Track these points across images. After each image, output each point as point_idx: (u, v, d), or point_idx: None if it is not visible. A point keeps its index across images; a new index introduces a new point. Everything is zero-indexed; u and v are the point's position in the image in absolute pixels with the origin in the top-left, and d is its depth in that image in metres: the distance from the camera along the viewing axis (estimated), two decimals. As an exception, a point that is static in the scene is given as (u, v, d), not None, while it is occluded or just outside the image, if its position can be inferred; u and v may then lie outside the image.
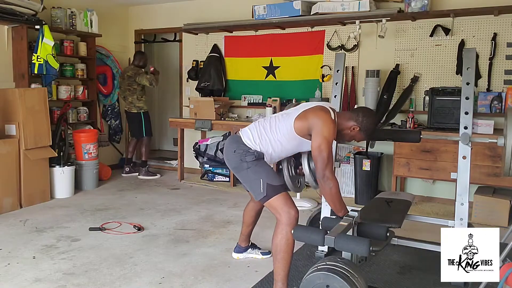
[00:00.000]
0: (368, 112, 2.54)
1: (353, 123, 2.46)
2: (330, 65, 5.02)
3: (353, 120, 2.46)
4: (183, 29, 5.73)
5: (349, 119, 2.47)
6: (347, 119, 2.47)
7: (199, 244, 3.39)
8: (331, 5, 4.69)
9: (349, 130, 2.48)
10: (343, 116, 2.50)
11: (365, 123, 2.45)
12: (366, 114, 2.48)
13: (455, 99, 4.00)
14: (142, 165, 5.78)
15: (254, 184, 2.44)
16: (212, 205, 4.50)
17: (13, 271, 2.85)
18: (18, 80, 4.85)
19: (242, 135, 2.52)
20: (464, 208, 2.66)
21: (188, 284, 2.71)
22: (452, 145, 4.00)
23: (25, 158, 4.29)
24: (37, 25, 4.65)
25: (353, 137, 2.54)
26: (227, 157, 2.56)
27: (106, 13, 5.92)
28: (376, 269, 2.92)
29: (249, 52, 5.57)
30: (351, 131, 2.48)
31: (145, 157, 5.79)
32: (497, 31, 4.27)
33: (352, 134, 2.50)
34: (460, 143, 2.63)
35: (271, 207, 2.42)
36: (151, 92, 7.61)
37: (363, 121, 2.45)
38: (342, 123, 2.46)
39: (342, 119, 2.48)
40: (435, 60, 4.57)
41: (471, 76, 2.66)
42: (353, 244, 1.99)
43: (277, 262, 2.37)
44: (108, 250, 3.24)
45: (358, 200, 4.58)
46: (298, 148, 2.56)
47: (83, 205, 4.42)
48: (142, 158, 5.80)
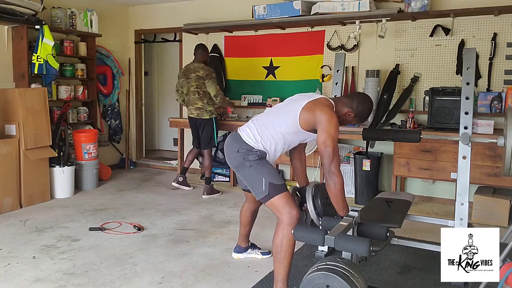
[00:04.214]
0: (363, 98, 2.56)
1: (348, 109, 2.49)
2: (330, 65, 5.02)
3: (348, 106, 2.49)
4: (183, 29, 5.73)
5: (345, 105, 2.50)
6: (343, 105, 2.50)
7: (199, 244, 3.39)
8: (331, 5, 4.69)
9: (344, 116, 2.51)
10: (339, 102, 2.52)
11: (360, 110, 2.50)
12: (361, 100, 2.52)
13: (455, 99, 4.00)
14: (207, 182, 4.91)
15: (256, 183, 2.43)
16: (212, 205, 4.50)
17: (13, 271, 2.85)
18: (18, 80, 4.85)
19: (242, 134, 2.51)
20: (464, 208, 2.66)
21: (188, 284, 2.71)
22: (452, 145, 4.00)
23: (25, 158, 4.29)
24: (37, 25, 4.65)
25: (348, 122, 2.58)
26: (229, 156, 2.55)
27: (106, 13, 5.92)
28: (376, 269, 2.92)
29: (249, 52, 5.57)
30: (346, 116, 2.52)
31: (210, 173, 4.95)
32: (497, 31, 4.27)
33: (347, 119, 2.54)
34: (460, 143, 2.64)
35: (273, 207, 2.41)
36: (151, 92, 7.63)
37: (358, 108, 2.49)
38: (338, 110, 2.48)
39: (339, 105, 2.50)
40: (435, 60, 4.57)
41: (471, 76, 2.66)
42: (353, 244, 1.99)
43: (278, 262, 2.37)
44: (108, 250, 3.24)
45: (358, 200, 4.58)
46: (301, 140, 2.58)
47: (83, 205, 4.42)
48: (206, 175, 4.92)
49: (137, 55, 6.56)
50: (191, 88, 4.77)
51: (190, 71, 4.79)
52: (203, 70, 4.76)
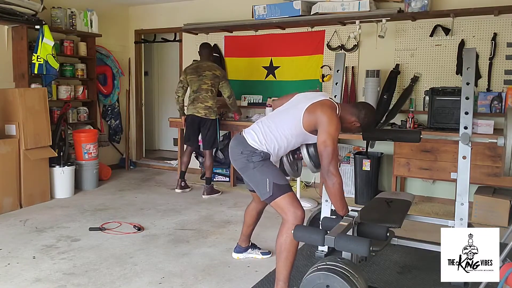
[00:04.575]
0: (371, 110, 2.60)
1: (355, 119, 2.52)
2: (330, 65, 5.02)
3: (355, 116, 2.51)
4: (183, 29, 5.73)
5: (352, 114, 2.51)
6: (349, 114, 2.52)
7: (199, 244, 3.39)
8: (331, 5, 4.69)
9: (349, 124, 2.53)
10: (346, 110, 2.52)
11: (366, 121, 2.53)
12: (369, 112, 2.55)
13: (455, 99, 4.00)
14: (208, 182, 4.88)
15: (260, 183, 2.44)
16: (212, 205, 4.50)
17: (13, 271, 2.85)
18: (18, 80, 4.85)
19: (247, 137, 2.51)
20: (464, 208, 2.66)
21: (188, 284, 2.71)
22: (452, 145, 4.00)
23: (25, 158, 4.29)
24: (37, 25, 4.65)
25: (350, 130, 2.60)
26: (234, 158, 2.55)
27: (106, 13, 5.92)
28: (376, 269, 2.92)
29: (249, 52, 5.57)
30: (351, 125, 2.54)
31: (210, 173, 4.91)
32: (497, 31, 4.27)
33: (351, 128, 2.56)
34: (460, 143, 2.64)
35: (277, 207, 2.42)
36: (151, 92, 7.63)
37: (365, 119, 2.52)
38: (344, 117, 2.49)
39: (345, 112, 2.51)
40: (435, 60, 4.57)
41: (471, 76, 2.66)
42: (353, 244, 1.99)
43: (281, 261, 2.37)
44: (108, 250, 3.24)
45: (358, 200, 4.58)
46: (304, 141, 2.59)
47: (83, 205, 4.42)
48: (206, 175, 4.89)
49: (137, 55, 6.56)
50: (203, 85, 4.66)
51: (204, 68, 4.71)
52: (220, 70, 4.76)
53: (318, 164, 2.54)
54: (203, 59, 4.85)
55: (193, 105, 4.74)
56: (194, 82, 4.72)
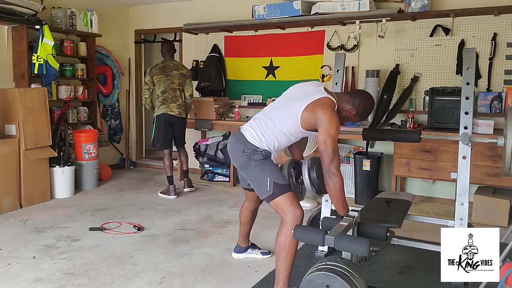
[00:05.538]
0: (365, 96, 2.55)
1: (350, 107, 2.48)
2: (330, 65, 5.02)
3: (350, 103, 2.48)
4: (183, 29, 5.73)
5: (347, 102, 2.49)
6: (344, 102, 2.49)
7: (199, 244, 3.39)
8: (331, 5, 4.69)
9: (345, 113, 2.50)
10: (341, 99, 2.50)
11: (361, 108, 2.49)
12: (364, 98, 2.51)
13: (455, 99, 4.00)
14: (186, 175, 5.08)
15: (260, 182, 2.43)
16: (212, 205, 4.50)
17: (13, 271, 2.85)
18: (18, 80, 4.85)
19: (246, 134, 2.49)
20: (464, 208, 2.66)
21: (188, 284, 2.71)
22: (452, 145, 4.00)
23: (25, 158, 4.29)
24: (37, 25, 4.65)
25: (349, 120, 2.57)
26: (234, 156, 2.53)
27: (106, 13, 5.92)
28: (376, 269, 2.92)
29: (249, 52, 5.57)
30: (347, 114, 2.51)
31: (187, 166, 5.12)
32: (497, 31, 4.27)
33: (348, 117, 2.53)
34: (460, 143, 2.63)
35: (277, 206, 2.41)
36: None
37: (360, 106, 2.48)
38: (339, 106, 2.47)
39: (340, 102, 2.48)
40: (435, 60, 4.57)
41: (471, 76, 2.66)
42: (353, 244, 1.99)
43: (280, 261, 2.37)
44: (108, 250, 3.24)
45: (358, 200, 4.58)
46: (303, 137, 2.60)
47: (83, 205, 4.42)
48: (184, 168, 5.09)
49: (137, 55, 6.56)
50: (171, 85, 4.73)
51: (171, 68, 4.78)
52: (185, 69, 4.89)
53: (320, 190, 2.55)
54: (168, 57, 4.89)
55: (165, 105, 4.75)
56: (162, 82, 4.74)
